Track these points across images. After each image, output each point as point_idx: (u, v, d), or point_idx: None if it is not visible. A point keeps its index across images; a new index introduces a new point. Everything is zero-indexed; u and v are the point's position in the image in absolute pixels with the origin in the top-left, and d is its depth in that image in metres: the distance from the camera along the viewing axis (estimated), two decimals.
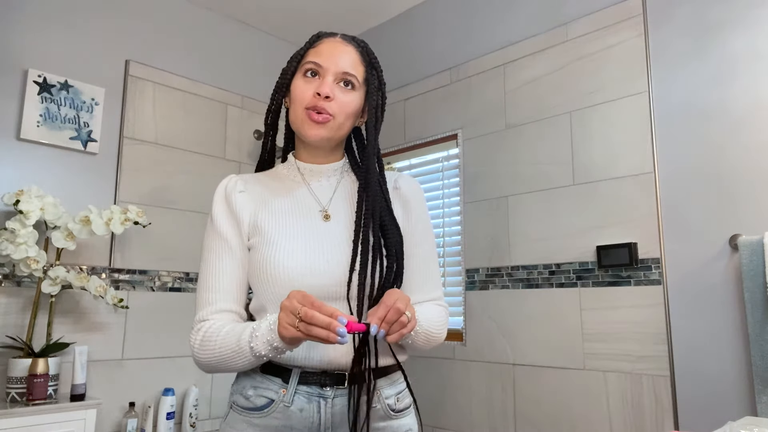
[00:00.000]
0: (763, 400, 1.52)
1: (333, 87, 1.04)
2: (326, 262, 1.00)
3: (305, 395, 0.99)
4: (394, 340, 0.91)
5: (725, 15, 1.76)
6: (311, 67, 1.05)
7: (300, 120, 1.04)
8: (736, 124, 1.70)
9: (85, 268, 2.22)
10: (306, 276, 0.99)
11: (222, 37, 2.82)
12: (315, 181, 1.11)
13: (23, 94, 2.13)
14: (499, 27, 2.37)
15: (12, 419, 1.76)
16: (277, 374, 1.01)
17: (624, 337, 1.85)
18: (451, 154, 2.49)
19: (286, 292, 0.98)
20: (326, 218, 1.06)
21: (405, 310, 0.91)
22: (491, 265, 2.24)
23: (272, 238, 1.02)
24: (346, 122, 1.06)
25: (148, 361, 2.36)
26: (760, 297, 1.55)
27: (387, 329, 0.89)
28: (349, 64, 1.06)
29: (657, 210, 1.82)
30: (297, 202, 1.07)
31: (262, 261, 1.01)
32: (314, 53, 1.06)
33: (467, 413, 2.24)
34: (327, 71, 1.04)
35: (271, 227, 1.04)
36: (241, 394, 1.03)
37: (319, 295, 0.99)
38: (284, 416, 0.99)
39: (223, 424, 1.04)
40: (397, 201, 1.12)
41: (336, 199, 1.09)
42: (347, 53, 1.06)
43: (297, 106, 1.05)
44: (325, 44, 1.07)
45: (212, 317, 1.00)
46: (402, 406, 1.06)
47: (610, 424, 1.84)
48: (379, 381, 1.04)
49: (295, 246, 1.01)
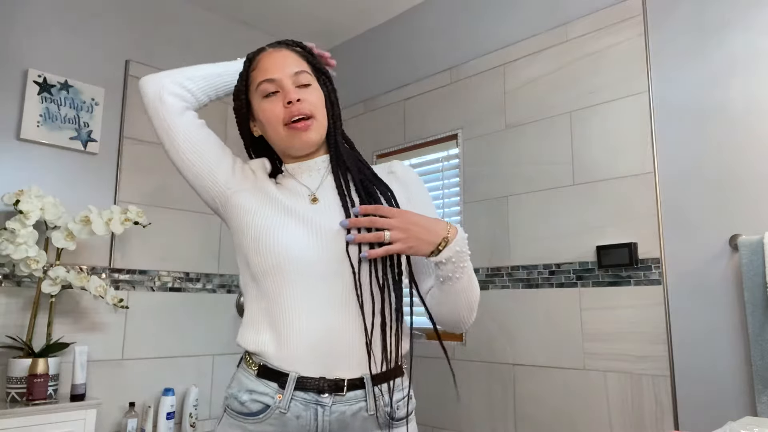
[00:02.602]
0: (763, 400, 1.52)
1: (296, 91, 1.05)
2: (318, 237, 1.00)
3: (302, 402, 0.97)
4: (373, 255, 0.96)
5: (725, 15, 1.76)
6: (267, 86, 1.06)
7: (285, 138, 1.06)
8: (736, 124, 1.70)
9: (85, 268, 2.22)
10: (303, 250, 0.99)
11: (222, 37, 2.82)
12: (304, 175, 1.11)
13: (23, 94, 2.13)
14: (499, 27, 2.37)
15: (12, 419, 1.76)
16: (273, 379, 0.99)
17: (624, 337, 1.85)
18: (451, 154, 2.49)
19: (280, 264, 0.99)
20: (314, 201, 1.06)
21: (386, 227, 0.96)
22: (491, 265, 2.24)
23: (265, 213, 1.03)
24: (323, 116, 1.08)
25: (148, 361, 2.36)
26: (760, 297, 1.55)
27: (351, 226, 0.97)
28: (295, 64, 1.08)
29: (657, 210, 1.82)
30: (286, 189, 1.09)
31: (256, 235, 1.01)
32: (260, 73, 1.07)
33: (467, 413, 2.24)
34: (282, 81, 1.05)
35: (263, 205, 1.05)
36: (235, 398, 1.01)
37: (316, 270, 0.99)
38: (280, 423, 0.97)
39: (218, 427, 1.03)
40: (396, 184, 1.12)
41: (324, 187, 1.09)
42: (286, 56, 1.08)
43: (275, 127, 1.06)
44: (266, 60, 1.08)
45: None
46: (402, 414, 1.04)
47: (610, 424, 1.84)
48: (379, 388, 1.01)
49: (287, 222, 1.02)
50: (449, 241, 0.97)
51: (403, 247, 0.96)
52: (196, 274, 2.56)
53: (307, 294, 0.99)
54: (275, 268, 0.99)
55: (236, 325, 2.67)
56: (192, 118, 1.09)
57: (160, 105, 1.07)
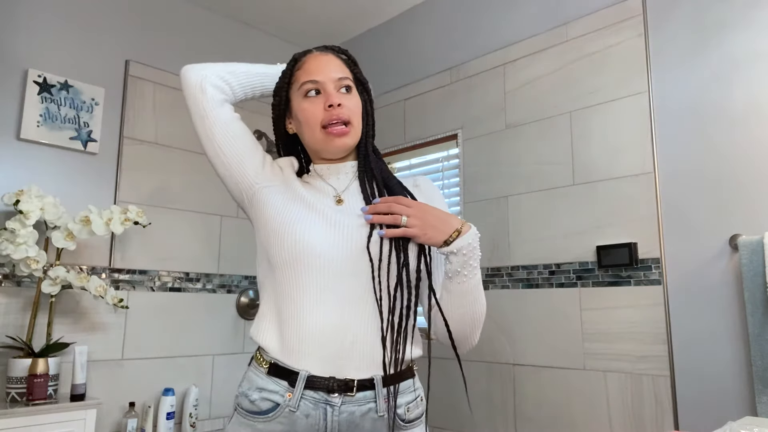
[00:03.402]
0: (763, 400, 1.52)
1: (338, 96, 1.07)
2: (339, 235, 1.02)
3: (311, 401, 0.97)
4: (390, 234, 1.00)
5: (725, 15, 1.76)
6: (311, 87, 1.08)
7: (321, 140, 1.08)
8: (736, 124, 1.70)
9: (85, 268, 2.22)
10: (323, 245, 1.01)
11: (222, 37, 2.82)
12: (332, 177, 1.14)
13: (23, 94, 2.13)
14: (499, 27, 2.37)
15: (12, 419, 1.76)
16: (283, 377, 0.99)
17: (624, 337, 1.85)
18: (451, 154, 2.49)
19: (298, 257, 1.00)
20: (339, 202, 1.09)
21: (403, 213, 1.00)
22: (491, 265, 2.24)
23: (290, 207, 1.06)
24: (359, 123, 1.11)
25: (148, 361, 2.36)
26: (760, 297, 1.55)
27: (371, 212, 1.02)
28: (339, 70, 1.11)
29: (657, 210, 1.82)
30: (313, 188, 1.12)
31: (279, 228, 1.03)
32: (304, 74, 1.10)
33: (467, 413, 2.24)
34: (326, 84, 1.08)
35: (288, 201, 1.07)
36: (246, 397, 1.02)
37: (333, 267, 1.01)
38: (289, 422, 0.97)
39: (228, 426, 1.04)
40: (421, 197, 1.15)
41: (350, 190, 1.11)
42: (333, 61, 1.12)
43: (313, 128, 1.08)
44: (311, 62, 1.11)
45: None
46: (412, 417, 1.04)
47: (610, 424, 1.84)
48: (389, 389, 1.01)
49: (311, 218, 1.04)
50: (461, 233, 0.99)
51: (418, 232, 0.99)
52: (196, 274, 2.56)
53: (322, 291, 1.00)
54: (294, 261, 1.01)
55: (236, 325, 2.67)
56: (229, 111, 1.12)
57: (200, 94, 1.10)
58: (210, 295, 2.60)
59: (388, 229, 1.00)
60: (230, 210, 2.72)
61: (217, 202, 2.67)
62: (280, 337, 1.02)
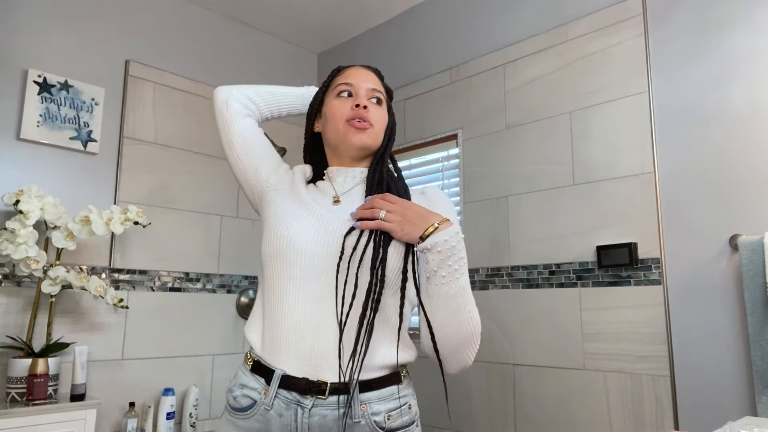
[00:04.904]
0: (763, 400, 1.52)
1: (368, 102, 1.14)
2: (325, 232, 1.04)
3: (284, 401, 0.97)
4: (364, 226, 1.01)
5: (725, 15, 1.76)
6: (344, 88, 1.15)
7: (342, 132, 1.12)
8: (736, 124, 1.70)
9: (85, 268, 2.22)
10: (306, 242, 1.02)
11: (222, 37, 2.82)
12: (339, 179, 1.16)
13: (23, 94, 2.13)
14: (499, 27, 2.37)
15: (12, 419, 1.76)
16: (262, 374, 1.00)
17: (624, 337, 1.85)
18: (451, 154, 2.49)
19: (282, 251, 1.03)
20: (336, 202, 1.12)
21: (384, 208, 1.01)
22: (491, 265, 2.24)
23: (286, 206, 1.10)
24: (381, 133, 1.15)
25: (148, 361, 2.36)
26: (760, 297, 1.55)
27: (357, 216, 1.03)
28: (374, 83, 1.17)
29: (657, 210, 1.82)
30: (316, 190, 1.16)
31: (271, 224, 1.07)
32: (341, 78, 1.17)
33: (467, 413, 2.24)
34: (359, 89, 1.14)
35: (288, 201, 1.11)
36: (231, 393, 1.04)
37: (315, 264, 1.01)
38: (264, 420, 0.98)
39: (218, 423, 1.06)
40: (425, 203, 1.13)
41: (352, 193, 1.13)
42: (370, 76, 1.19)
43: (336, 122, 1.12)
44: (351, 70, 1.19)
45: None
46: (395, 425, 0.99)
47: (610, 424, 1.84)
48: (366, 394, 0.98)
49: (301, 215, 1.07)
50: (438, 229, 0.97)
51: (395, 227, 0.99)
52: (196, 274, 2.56)
53: (302, 288, 1.00)
54: (278, 256, 1.02)
55: (236, 325, 2.67)
56: (250, 123, 1.22)
57: (225, 108, 1.21)
58: (210, 295, 2.60)
59: (363, 221, 1.01)
60: (230, 210, 2.72)
61: (217, 202, 2.67)
62: (263, 334, 1.03)
